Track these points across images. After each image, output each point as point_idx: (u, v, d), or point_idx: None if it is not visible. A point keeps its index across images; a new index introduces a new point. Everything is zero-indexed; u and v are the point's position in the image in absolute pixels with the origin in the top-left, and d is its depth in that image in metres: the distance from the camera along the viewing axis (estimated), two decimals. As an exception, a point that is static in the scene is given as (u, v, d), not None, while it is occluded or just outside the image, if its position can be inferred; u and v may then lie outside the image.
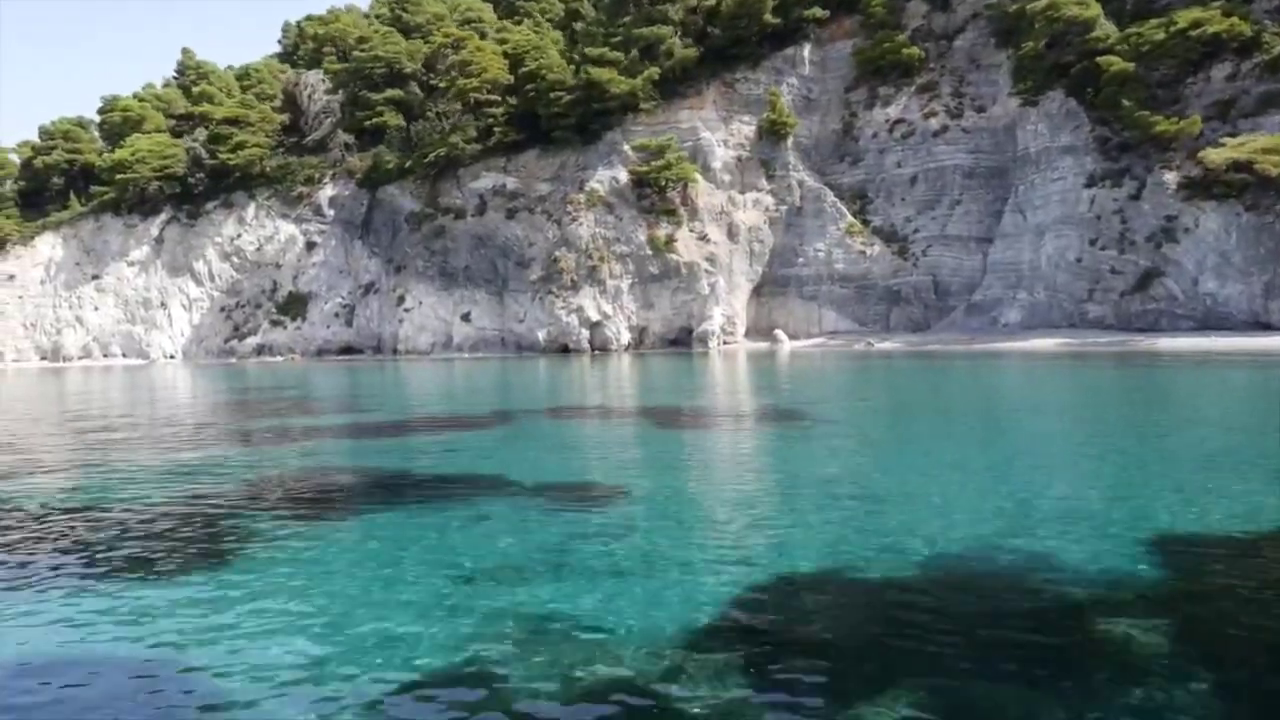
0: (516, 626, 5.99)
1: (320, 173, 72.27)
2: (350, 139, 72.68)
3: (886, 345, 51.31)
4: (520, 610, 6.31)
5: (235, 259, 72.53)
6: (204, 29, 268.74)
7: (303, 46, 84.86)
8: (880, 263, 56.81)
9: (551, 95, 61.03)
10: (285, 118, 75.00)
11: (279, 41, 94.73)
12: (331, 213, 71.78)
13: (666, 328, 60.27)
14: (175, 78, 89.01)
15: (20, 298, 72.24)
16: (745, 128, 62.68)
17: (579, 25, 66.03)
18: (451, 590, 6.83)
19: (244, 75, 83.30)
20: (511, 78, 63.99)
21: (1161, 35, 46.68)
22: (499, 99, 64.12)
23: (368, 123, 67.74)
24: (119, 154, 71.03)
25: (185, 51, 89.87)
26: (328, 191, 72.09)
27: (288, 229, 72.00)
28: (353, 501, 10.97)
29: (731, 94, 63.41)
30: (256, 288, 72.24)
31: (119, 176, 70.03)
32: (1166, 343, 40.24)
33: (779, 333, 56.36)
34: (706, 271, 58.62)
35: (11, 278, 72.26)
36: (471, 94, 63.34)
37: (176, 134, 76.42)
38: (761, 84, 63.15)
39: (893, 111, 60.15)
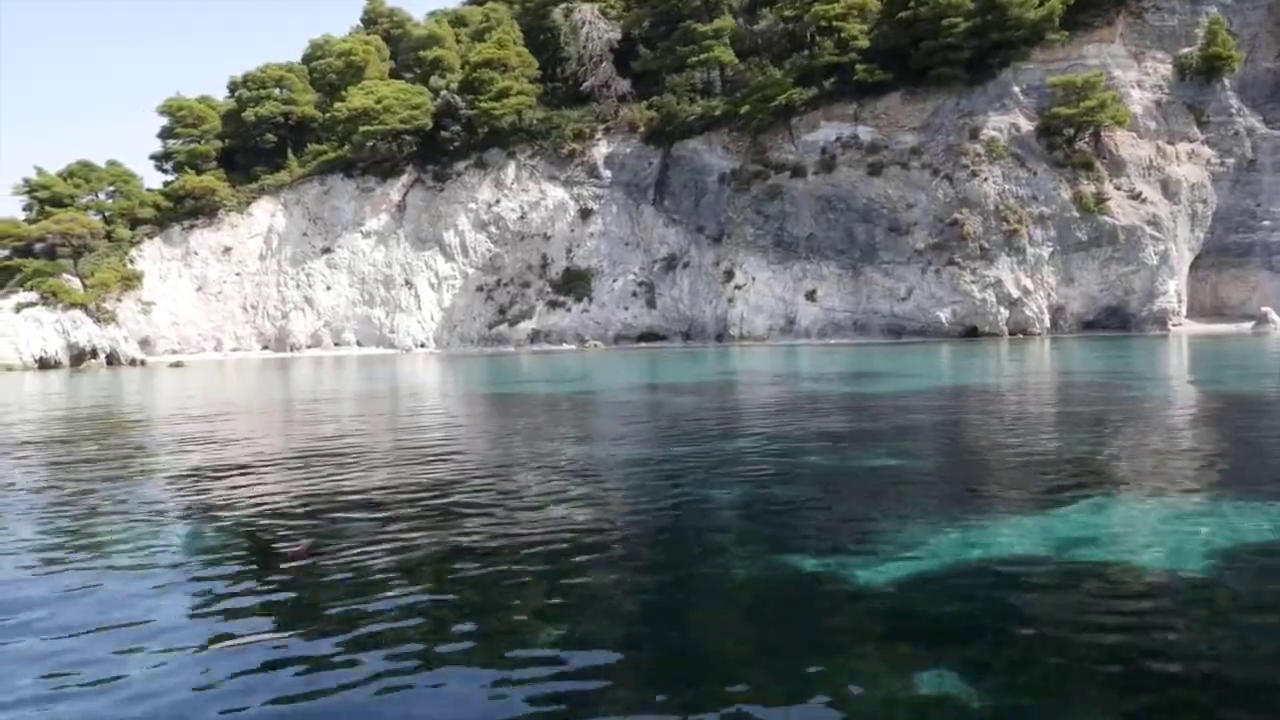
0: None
1: (590, 126, 60.72)
2: (627, 85, 61.22)
3: None
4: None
5: (493, 229, 60.83)
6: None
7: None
8: (1386, 225, 46.07)
9: (943, 23, 49.80)
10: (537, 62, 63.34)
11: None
12: (609, 173, 60.25)
13: (1088, 306, 49.23)
14: (362, 27, 77.14)
15: (238, 275, 60.20)
16: (1160, 66, 51.82)
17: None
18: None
19: (458, 20, 71.44)
20: (879, 1, 52.75)
21: None
22: (861, 30, 52.79)
23: (691, 59, 56.06)
24: (356, 101, 59.00)
25: (372, -2, 78.04)
26: (603, 148, 60.53)
27: (556, 193, 60.39)
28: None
29: (1141, 25, 52.52)
30: (521, 263, 60.54)
31: (363, 129, 58.06)
32: None
33: (1269, 311, 45.38)
34: (1153, 238, 47.61)
35: (227, 251, 60.24)
36: (836, 23, 51.95)
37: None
38: (1175, 13, 52.41)
39: (1367, 43, 49.44)
